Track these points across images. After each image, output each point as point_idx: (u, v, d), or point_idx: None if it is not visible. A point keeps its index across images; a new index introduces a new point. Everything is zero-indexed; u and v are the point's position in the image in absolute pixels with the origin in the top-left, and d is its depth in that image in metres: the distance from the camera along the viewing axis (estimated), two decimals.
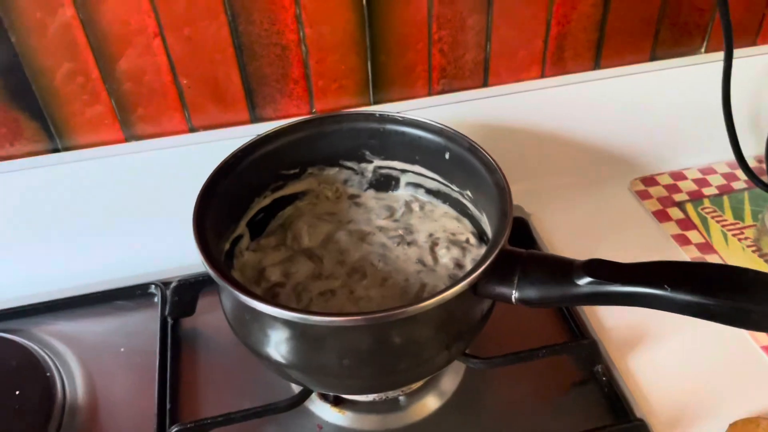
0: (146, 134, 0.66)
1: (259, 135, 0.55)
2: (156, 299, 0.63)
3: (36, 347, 0.57)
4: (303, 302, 0.52)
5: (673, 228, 0.69)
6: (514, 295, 0.45)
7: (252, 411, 0.50)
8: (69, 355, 0.58)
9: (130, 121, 0.64)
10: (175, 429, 0.49)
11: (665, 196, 0.73)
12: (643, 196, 0.73)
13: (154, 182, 0.66)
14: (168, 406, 0.53)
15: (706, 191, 0.73)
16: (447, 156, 0.56)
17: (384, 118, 0.57)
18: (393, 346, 0.45)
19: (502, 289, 0.45)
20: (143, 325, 0.61)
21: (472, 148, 0.53)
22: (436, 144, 0.56)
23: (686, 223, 0.69)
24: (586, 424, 0.51)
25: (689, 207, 0.71)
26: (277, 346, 0.46)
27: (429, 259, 0.56)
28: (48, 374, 0.55)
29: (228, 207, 0.53)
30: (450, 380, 0.56)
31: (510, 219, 0.46)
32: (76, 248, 0.66)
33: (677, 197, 0.73)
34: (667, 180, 0.75)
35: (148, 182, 0.65)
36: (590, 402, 0.54)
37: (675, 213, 0.71)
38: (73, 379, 0.56)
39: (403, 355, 0.45)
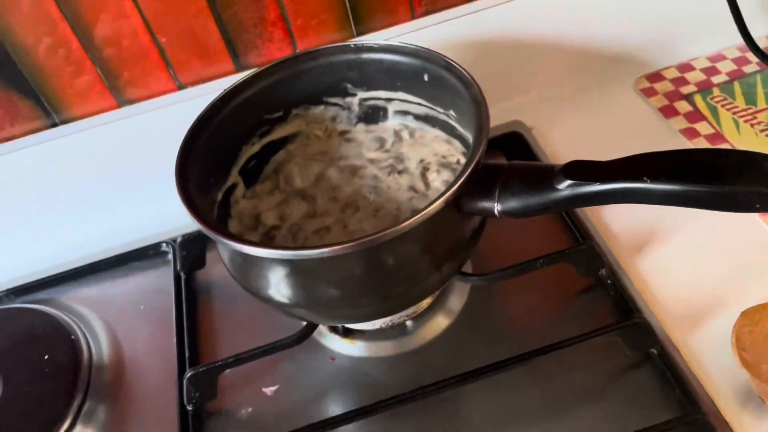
0: (137, 98, 0.66)
1: (233, 83, 0.55)
2: (169, 257, 0.65)
3: (60, 314, 0.60)
4: (298, 242, 0.53)
5: (680, 123, 0.66)
6: (497, 207, 0.44)
7: (260, 350, 0.52)
8: (92, 318, 0.61)
9: (118, 86, 0.65)
10: (189, 373, 0.51)
11: (672, 91, 0.70)
12: (649, 93, 0.70)
13: (150, 144, 0.67)
14: (187, 354, 0.55)
15: (716, 79, 0.70)
16: (426, 78, 0.54)
17: (359, 48, 0.56)
18: (385, 270, 0.45)
19: (484, 204, 0.45)
20: (160, 283, 0.63)
21: (448, 66, 0.52)
22: (414, 66, 0.55)
23: (694, 116, 0.67)
24: (593, 327, 0.50)
25: (697, 98, 0.68)
26: (276, 286, 0.47)
27: (420, 185, 0.55)
28: (73, 337, 0.58)
29: (214, 158, 0.54)
30: (456, 299, 0.57)
31: (485, 133, 0.45)
32: (86, 217, 0.68)
33: (685, 90, 0.70)
34: (673, 74, 0.72)
35: (145, 145, 0.67)
36: (598, 307, 0.54)
37: (682, 106, 0.68)
38: (97, 340, 0.59)
39: (396, 278, 0.46)
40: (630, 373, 0.49)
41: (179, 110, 0.66)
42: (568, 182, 0.42)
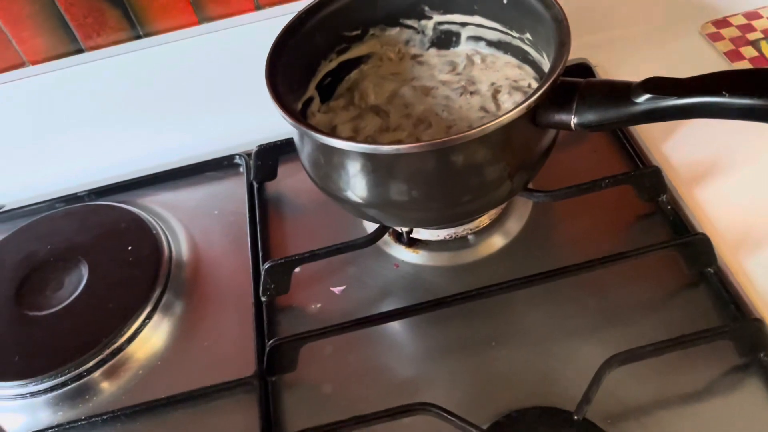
0: (217, 15, 0.69)
1: None
2: (241, 169, 0.68)
3: (142, 212, 0.64)
4: None
5: (746, 67, 0.67)
6: (573, 120, 0.46)
7: (334, 247, 0.55)
8: (170, 218, 0.65)
9: (200, 2, 0.68)
10: (268, 264, 0.55)
11: (738, 37, 0.70)
12: (715, 38, 0.71)
13: (227, 61, 0.70)
14: (260, 253, 0.59)
15: None
16: (505, 0, 0.56)
17: None
18: (457, 174, 0.48)
19: (561, 116, 0.47)
20: (232, 191, 0.67)
21: None
22: None
23: (760, 61, 0.67)
24: None
25: (764, 44, 0.69)
26: (353, 186, 0.50)
27: (492, 106, 0.57)
28: (154, 232, 0.62)
29: (297, 68, 0.56)
30: (515, 221, 0.59)
31: (567, 48, 0.47)
32: (163, 129, 0.72)
33: (751, 36, 0.70)
34: (740, 20, 0.72)
35: (222, 61, 0.70)
36: (656, 230, 0.56)
37: (749, 52, 0.69)
38: (176, 238, 0.63)
39: (467, 184, 0.48)
40: (686, 291, 0.51)
41: (256, 29, 0.69)
42: (647, 96, 0.44)
